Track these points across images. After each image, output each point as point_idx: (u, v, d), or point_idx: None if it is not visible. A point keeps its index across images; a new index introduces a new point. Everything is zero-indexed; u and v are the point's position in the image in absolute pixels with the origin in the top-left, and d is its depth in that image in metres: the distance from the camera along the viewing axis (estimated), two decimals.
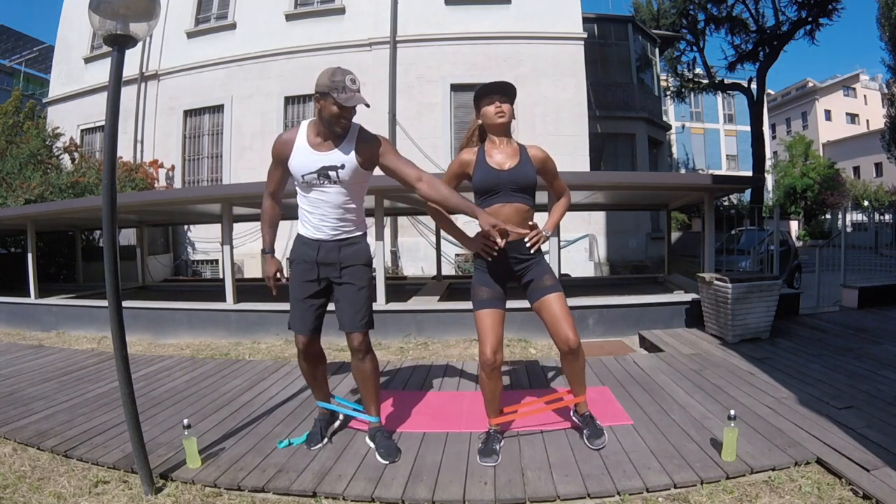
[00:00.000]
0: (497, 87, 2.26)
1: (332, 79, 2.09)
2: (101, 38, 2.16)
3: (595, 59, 12.33)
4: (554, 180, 2.43)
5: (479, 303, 2.28)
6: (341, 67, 2.15)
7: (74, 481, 2.24)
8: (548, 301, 2.26)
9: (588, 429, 2.38)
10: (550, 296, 2.26)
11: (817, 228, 22.65)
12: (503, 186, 2.23)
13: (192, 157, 10.97)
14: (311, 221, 2.30)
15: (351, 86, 2.10)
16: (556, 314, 2.24)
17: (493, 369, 2.24)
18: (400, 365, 3.80)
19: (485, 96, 2.28)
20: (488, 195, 2.26)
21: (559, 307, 2.25)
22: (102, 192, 2.02)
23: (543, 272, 2.31)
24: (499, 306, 2.28)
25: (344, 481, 2.12)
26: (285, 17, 10.34)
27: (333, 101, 2.09)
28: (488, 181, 2.24)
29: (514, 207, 2.24)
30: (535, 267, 2.32)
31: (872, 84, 32.99)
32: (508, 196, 2.24)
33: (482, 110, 2.29)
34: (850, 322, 4.73)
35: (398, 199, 5.76)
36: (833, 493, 1.95)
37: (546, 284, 2.28)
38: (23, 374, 3.89)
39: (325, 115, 2.14)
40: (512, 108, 2.29)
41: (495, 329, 2.24)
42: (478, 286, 2.31)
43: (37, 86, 20.49)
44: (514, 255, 2.28)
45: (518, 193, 2.25)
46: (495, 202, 2.25)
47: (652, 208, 9.23)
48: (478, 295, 2.29)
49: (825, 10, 14.92)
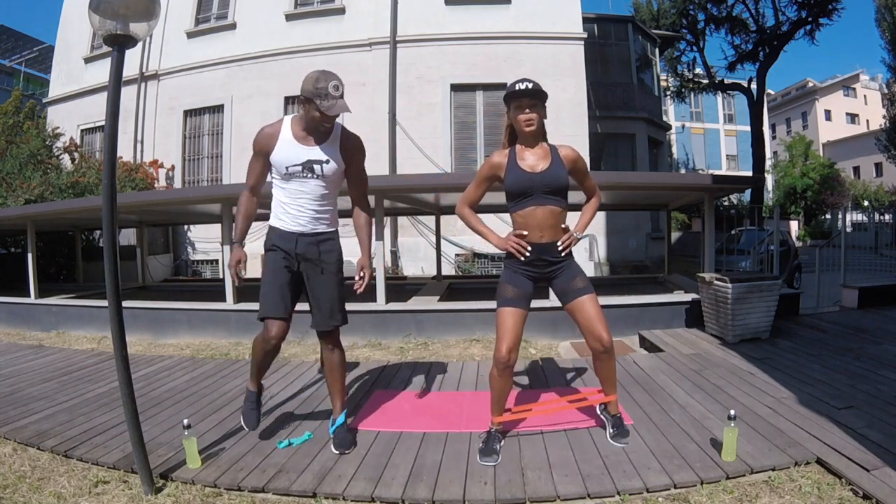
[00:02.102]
0: (525, 93, 2.18)
1: (315, 85, 2.13)
2: (101, 38, 2.16)
3: (595, 59, 12.33)
4: (584, 180, 2.42)
5: (504, 300, 2.28)
6: (326, 72, 2.18)
7: (74, 481, 2.24)
8: (581, 303, 2.28)
9: (616, 428, 2.40)
10: (584, 297, 2.29)
11: (817, 228, 22.65)
12: (536, 189, 2.23)
13: (192, 157, 10.96)
14: (288, 213, 2.34)
15: (334, 93, 2.14)
16: (590, 315, 2.27)
17: (506, 367, 2.24)
18: (400, 365, 3.80)
19: (514, 100, 2.21)
20: (521, 198, 2.25)
21: (593, 308, 2.28)
22: (102, 192, 2.02)
23: (575, 274, 2.32)
24: (522, 306, 2.28)
25: (344, 481, 2.11)
26: (285, 17, 10.33)
27: (316, 107, 2.14)
28: (521, 184, 2.23)
29: (547, 210, 2.24)
30: (566, 269, 2.32)
31: (872, 84, 32.99)
32: (541, 199, 2.23)
33: (512, 115, 2.25)
34: (850, 322, 4.73)
35: (398, 199, 5.76)
36: (833, 493, 1.95)
37: (579, 286, 2.30)
38: (23, 374, 3.89)
39: (308, 118, 2.22)
40: (543, 112, 2.25)
41: (515, 328, 2.24)
42: (505, 284, 2.31)
43: (37, 86, 20.49)
44: (546, 257, 2.28)
45: (551, 196, 2.24)
46: (528, 205, 2.24)
47: (652, 208, 9.23)
48: (503, 293, 2.30)
49: (825, 10, 14.92)
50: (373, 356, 4.28)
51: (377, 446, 2.42)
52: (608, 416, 2.47)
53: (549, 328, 4.63)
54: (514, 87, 2.20)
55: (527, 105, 2.20)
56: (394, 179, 6.93)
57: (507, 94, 2.23)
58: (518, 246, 2.25)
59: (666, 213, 7.45)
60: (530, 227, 2.25)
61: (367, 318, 4.89)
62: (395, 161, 9.60)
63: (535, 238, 2.25)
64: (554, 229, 2.27)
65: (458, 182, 4.74)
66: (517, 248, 2.25)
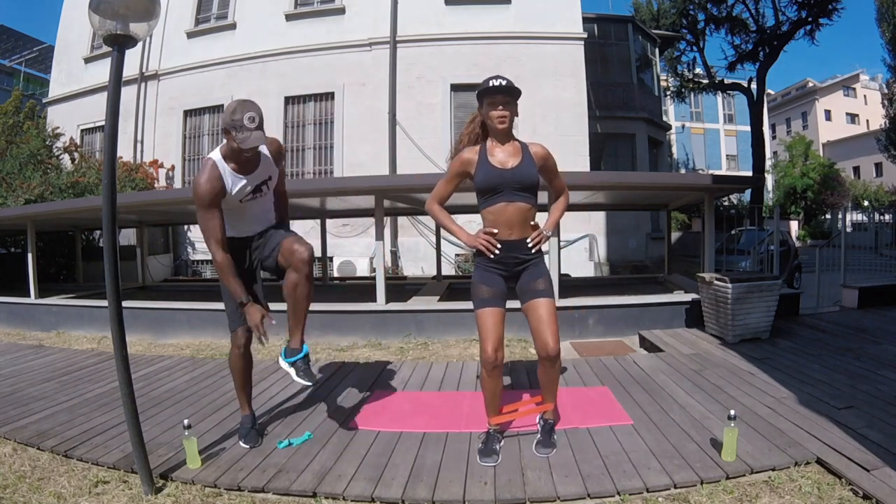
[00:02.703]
0: (500, 90, 2.18)
1: (232, 117, 2.15)
2: (101, 38, 2.17)
3: (595, 59, 12.33)
4: (554, 179, 2.41)
5: (480, 301, 2.28)
6: (243, 102, 2.19)
7: (74, 481, 2.24)
8: (536, 305, 2.26)
9: (543, 436, 2.36)
10: (540, 300, 2.25)
11: (817, 228, 22.64)
12: (506, 186, 2.22)
13: (192, 157, 10.96)
14: (241, 227, 2.42)
15: (249, 125, 2.14)
16: (541, 319, 2.23)
17: (494, 367, 2.23)
18: (400, 365, 3.80)
19: (487, 96, 2.21)
20: (491, 195, 2.24)
21: (546, 312, 2.24)
22: (102, 192, 2.02)
23: (539, 275, 2.30)
24: (499, 305, 2.28)
25: (344, 481, 2.12)
26: (285, 17, 10.33)
27: (232, 139, 2.17)
28: (491, 180, 2.23)
29: (517, 207, 2.23)
30: (532, 268, 2.31)
31: (872, 84, 32.97)
32: (511, 195, 2.22)
33: (485, 111, 2.25)
34: (850, 322, 4.73)
35: (398, 199, 5.76)
36: (833, 493, 1.95)
37: (538, 288, 2.27)
38: (23, 374, 3.89)
39: (231, 149, 2.23)
40: (515, 109, 2.25)
41: (496, 327, 2.23)
42: (478, 285, 2.30)
43: (37, 86, 20.48)
44: (515, 254, 2.27)
45: (521, 192, 2.23)
46: (498, 202, 2.24)
47: (652, 208, 9.23)
48: (478, 294, 2.29)
49: (825, 10, 14.91)
50: (373, 356, 4.28)
51: (377, 446, 2.43)
52: (542, 422, 2.41)
53: None
54: (488, 83, 2.20)
55: (500, 102, 2.19)
56: (394, 179, 6.93)
57: (481, 91, 2.21)
58: (487, 243, 2.24)
59: (666, 213, 7.45)
60: (500, 225, 2.24)
61: (367, 318, 4.89)
62: (395, 161, 9.60)
63: (505, 235, 2.24)
64: (523, 226, 2.25)
65: None
66: (486, 246, 2.24)
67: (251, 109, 2.16)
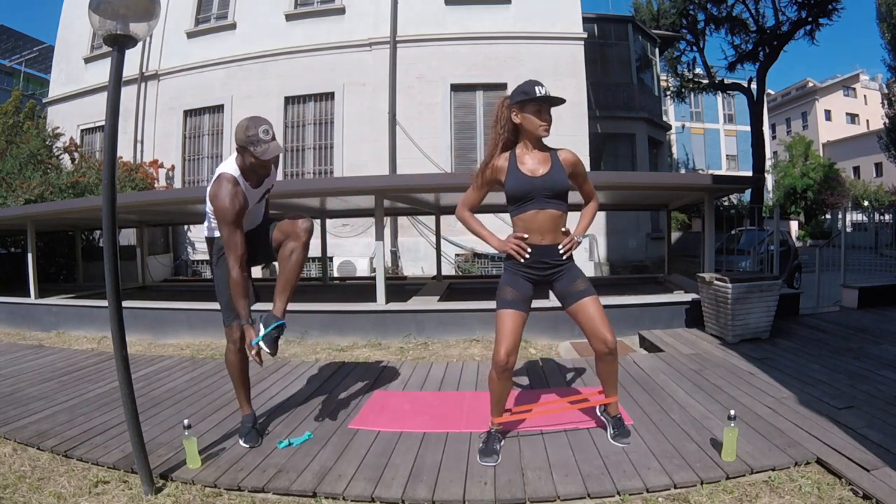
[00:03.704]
0: (550, 101, 2.19)
1: (246, 133, 2.21)
2: (101, 38, 2.17)
3: (595, 59, 12.34)
4: (584, 184, 2.41)
5: (503, 302, 2.28)
6: (253, 119, 2.26)
7: (74, 481, 2.24)
8: (584, 305, 2.28)
9: (617, 429, 2.41)
10: (587, 299, 2.28)
11: (817, 228, 22.64)
12: (536, 193, 2.22)
13: (192, 157, 10.96)
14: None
15: (265, 137, 2.22)
16: (593, 317, 2.27)
17: (505, 370, 2.24)
18: (400, 365, 3.80)
19: (535, 103, 2.18)
20: (522, 202, 2.25)
21: (596, 310, 2.28)
22: (102, 192, 2.02)
23: (576, 276, 2.32)
24: (522, 308, 2.28)
25: (344, 481, 2.12)
26: (285, 17, 10.33)
27: (251, 154, 2.22)
28: (521, 188, 2.23)
29: (548, 214, 2.24)
30: (567, 273, 2.32)
31: (872, 84, 32.98)
32: (542, 203, 2.23)
33: (527, 115, 2.20)
34: (850, 322, 4.73)
35: (398, 199, 5.76)
36: (833, 493, 1.95)
37: (580, 288, 2.30)
38: (23, 374, 3.89)
39: (247, 165, 2.30)
40: None
41: (515, 331, 2.24)
42: (505, 286, 2.30)
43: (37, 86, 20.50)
44: (546, 259, 2.28)
45: (552, 199, 2.24)
46: (529, 209, 2.24)
47: (652, 208, 9.23)
48: (503, 295, 2.29)
49: (825, 10, 14.91)
50: (373, 356, 4.28)
51: (377, 446, 2.42)
52: (608, 417, 2.47)
53: (549, 328, 4.63)
54: (534, 89, 2.16)
55: (547, 110, 2.21)
56: (394, 179, 6.93)
57: (527, 97, 2.17)
58: (518, 248, 2.25)
59: (666, 213, 7.45)
60: (531, 231, 2.25)
61: (367, 318, 4.89)
62: (395, 161, 9.61)
63: (536, 241, 2.25)
64: (555, 233, 2.27)
65: (458, 182, 4.73)
66: (517, 250, 2.25)
67: (263, 123, 2.24)
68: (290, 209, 5.66)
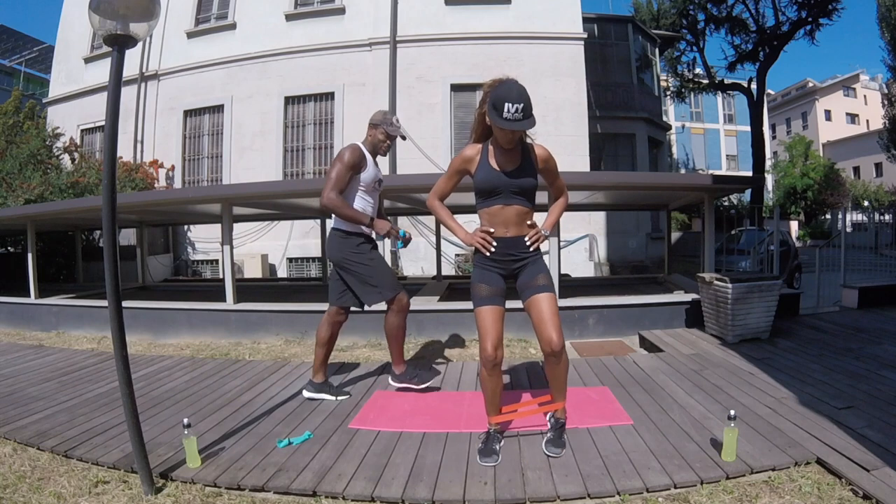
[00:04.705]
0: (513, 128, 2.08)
1: (385, 117, 3.08)
2: (101, 38, 2.17)
3: (595, 59, 12.34)
4: (555, 180, 2.42)
5: (479, 300, 2.29)
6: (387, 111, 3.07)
7: (74, 481, 2.24)
8: (537, 300, 2.26)
9: (553, 433, 2.34)
10: (541, 295, 2.26)
11: (817, 228, 22.65)
12: (504, 188, 2.23)
13: (192, 157, 10.97)
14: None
15: (396, 123, 3.12)
16: (542, 314, 2.24)
17: (494, 366, 2.24)
18: None
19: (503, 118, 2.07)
20: (488, 196, 2.26)
21: (547, 307, 2.24)
22: (102, 192, 2.02)
23: (538, 271, 2.32)
24: (498, 303, 2.29)
25: (344, 480, 2.12)
26: (285, 17, 10.34)
27: (383, 130, 3.07)
28: (489, 182, 2.24)
29: (514, 209, 2.25)
30: (531, 265, 2.32)
31: (872, 84, 33.01)
32: (508, 198, 2.24)
33: (495, 126, 2.13)
34: (850, 322, 4.73)
35: (398, 199, 5.76)
36: (833, 493, 1.95)
37: (538, 283, 2.28)
38: (23, 374, 3.89)
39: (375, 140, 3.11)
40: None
41: (495, 325, 2.24)
42: (477, 283, 2.31)
43: (37, 86, 20.52)
44: (512, 252, 2.28)
45: (518, 196, 2.25)
46: (496, 203, 2.25)
47: (652, 208, 9.23)
48: (477, 292, 2.30)
49: (825, 10, 14.93)
50: (373, 356, 4.28)
51: (377, 446, 2.42)
52: (553, 421, 2.39)
53: None
54: (503, 107, 2.03)
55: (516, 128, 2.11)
56: (394, 179, 6.91)
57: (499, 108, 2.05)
58: (483, 241, 2.26)
59: (666, 213, 7.44)
60: (496, 224, 2.26)
61: (368, 318, 4.87)
62: (395, 161, 9.61)
63: (501, 233, 2.26)
64: (520, 226, 2.27)
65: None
66: (482, 244, 2.26)
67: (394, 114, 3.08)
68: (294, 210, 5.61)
